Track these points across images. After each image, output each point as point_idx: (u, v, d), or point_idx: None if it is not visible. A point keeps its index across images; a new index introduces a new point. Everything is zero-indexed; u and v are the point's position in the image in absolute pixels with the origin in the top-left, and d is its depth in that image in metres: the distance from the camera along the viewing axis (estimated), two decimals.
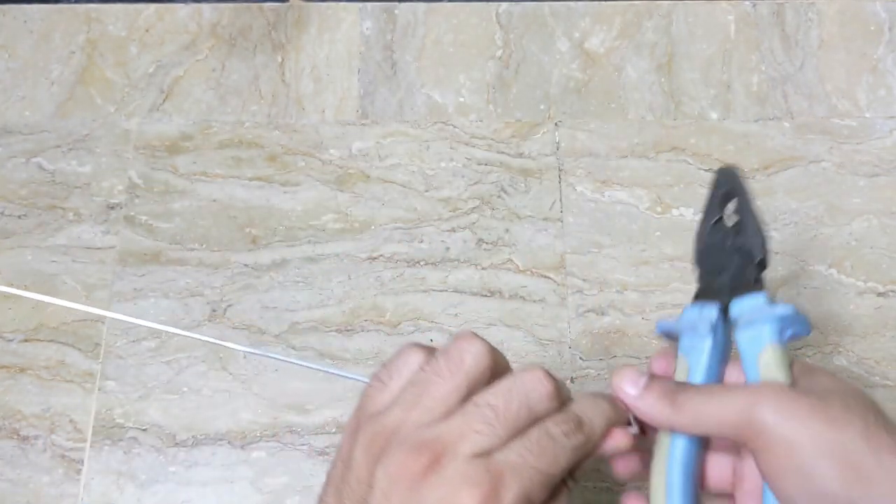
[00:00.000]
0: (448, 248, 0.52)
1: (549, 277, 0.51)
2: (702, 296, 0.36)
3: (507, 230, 0.52)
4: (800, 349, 0.50)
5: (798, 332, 0.33)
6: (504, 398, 0.28)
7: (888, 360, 0.50)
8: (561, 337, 0.50)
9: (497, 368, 0.30)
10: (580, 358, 0.49)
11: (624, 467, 0.33)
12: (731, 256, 0.35)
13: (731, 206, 0.36)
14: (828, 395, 0.28)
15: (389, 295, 0.51)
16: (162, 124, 0.55)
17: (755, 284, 0.34)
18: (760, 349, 0.32)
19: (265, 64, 0.57)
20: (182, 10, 0.59)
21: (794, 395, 0.28)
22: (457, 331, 0.50)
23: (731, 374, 0.33)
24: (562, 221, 0.53)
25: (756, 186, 0.54)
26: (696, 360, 0.33)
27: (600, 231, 0.53)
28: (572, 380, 0.49)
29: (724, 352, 0.34)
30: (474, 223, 0.53)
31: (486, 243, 0.52)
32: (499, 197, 0.53)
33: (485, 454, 0.27)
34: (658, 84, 0.57)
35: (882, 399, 0.48)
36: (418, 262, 0.52)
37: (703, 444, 0.33)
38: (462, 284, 0.51)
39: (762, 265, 0.35)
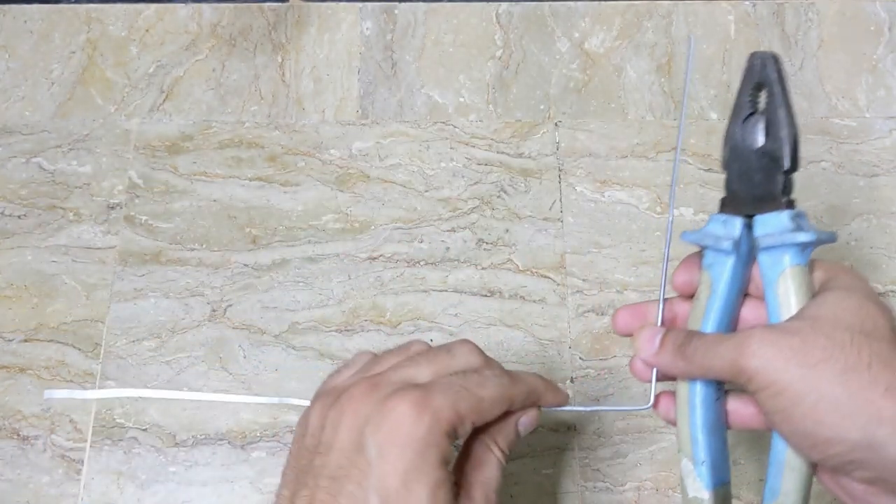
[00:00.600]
0: (448, 248, 0.52)
1: (549, 277, 0.51)
2: (727, 206, 0.34)
3: (507, 230, 0.53)
4: None
5: (821, 243, 0.32)
6: (435, 352, 0.34)
7: None
8: (561, 337, 0.50)
9: None
10: (580, 358, 0.49)
11: (683, 283, 0.35)
12: (759, 161, 0.33)
13: (763, 99, 0.33)
14: (817, 329, 0.29)
15: (389, 295, 0.51)
16: (162, 124, 0.55)
17: (780, 198, 0.32)
18: (778, 275, 0.31)
19: (265, 64, 0.57)
20: (182, 10, 0.59)
21: (777, 338, 0.29)
22: (457, 331, 0.50)
23: (757, 285, 0.34)
24: (562, 221, 0.53)
25: None
26: (717, 275, 0.33)
27: (600, 231, 0.53)
28: (572, 380, 0.49)
29: (748, 265, 0.33)
30: (474, 223, 0.53)
31: (486, 243, 0.52)
32: (499, 197, 0.53)
33: (416, 381, 0.31)
34: (658, 84, 0.57)
35: None
36: (418, 262, 0.52)
37: (721, 386, 0.33)
38: (462, 284, 0.51)
39: (790, 172, 0.32)
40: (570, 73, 0.58)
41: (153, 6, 0.59)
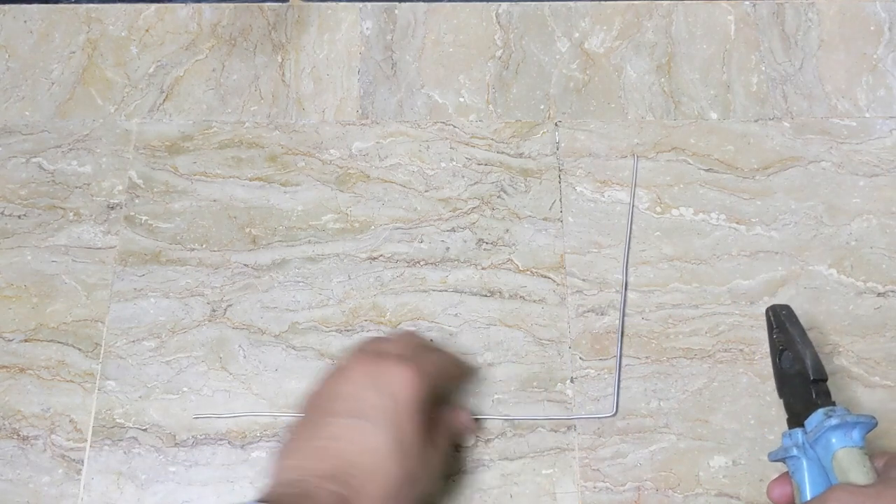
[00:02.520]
0: (448, 248, 0.52)
1: (549, 277, 0.51)
2: (791, 422, 0.43)
3: (507, 230, 0.52)
4: None
5: (866, 428, 0.39)
6: (400, 335, 0.46)
7: (888, 360, 0.50)
8: (561, 337, 0.50)
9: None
10: (580, 358, 0.49)
11: (779, 495, 0.42)
12: (796, 381, 0.43)
13: (784, 338, 0.45)
14: (888, 486, 0.35)
15: (389, 295, 0.51)
16: (162, 124, 0.55)
17: (816, 402, 0.41)
18: (831, 459, 0.39)
19: (265, 64, 0.57)
20: (182, 10, 0.59)
21: (853, 489, 0.36)
22: (457, 330, 0.50)
23: None
24: (562, 221, 0.53)
25: (756, 186, 0.54)
26: (800, 479, 0.40)
27: (600, 231, 0.53)
28: (572, 380, 0.49)
29: (823, 463, 0.40)
30: (474, 223, 0.53)
31: (486, 243, 0.52)
32: (499, 197, 0.53)
33: (401, 354, 0.42)
34: (658, 84, 0.57)
35: (882, 399, 0.48)
36: (418, 262, 0.52)
37: None
38: (462, 284, 0.51)
39: (818, 382, 0.42)
40: (570, 73, 0.58)
41: (153, 6, 0.59)
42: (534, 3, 0.60)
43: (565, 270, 0.51)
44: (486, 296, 0.51)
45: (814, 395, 0.41)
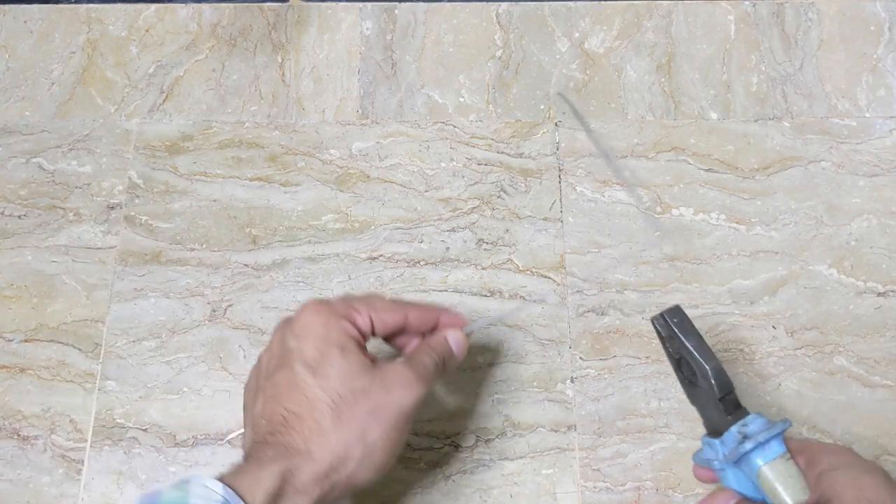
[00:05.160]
0: (448, 248, 0.52)
1: (549, 277, 0.51)
2: (709, 430, 0.40)
3: (507, 230, 0.53)
4: (800, 348, 0.50)
5: (782, 435, 0.37)
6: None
7: (888, 360, 0.50)
8: (561, 337, 0.50)
9: None
10: (580, 358, 0.49)
11: (707, 476, 0.41)
12: (703, 394, 0.39)
13: (678, 349, 0.39)
14: (845, 466, 0.37)
15: (389, 295, 0.51)
16: (162, 124, 0.55)
17: (727, 418, 0.38)
18: (757, 476, 0.37)
19: (265, 64, 0.57)
20: (182, 10, 0.59)
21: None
22: None
23: None
24: (562, 221, 0.53)
25: (756, 186, 0.54)
26: (728, 486, 0.38)
27: (600, 231, 0.53)
28: (572, 379, 0.49)
29: (750, 478, 0.38)
30: (474, 223, 0.53)
31: (486, 243, 0.52)
32: (499, 197, 0.53)
33: None
34: (658, 84, 0.57)
35: (882, 399, 0.48)
36: (418, 262, 0.52)
37: None
38: (462, 284, 0.51)
39: (725, 396, 0.38)
40: (570, 73, 0.58)
41: (153, 6, 0.59)
42: (534, 3, 0.60)
43: (565, 270, 0.51)
44: (486, 296, 0.51)
45: (724, 409, 0.38)
